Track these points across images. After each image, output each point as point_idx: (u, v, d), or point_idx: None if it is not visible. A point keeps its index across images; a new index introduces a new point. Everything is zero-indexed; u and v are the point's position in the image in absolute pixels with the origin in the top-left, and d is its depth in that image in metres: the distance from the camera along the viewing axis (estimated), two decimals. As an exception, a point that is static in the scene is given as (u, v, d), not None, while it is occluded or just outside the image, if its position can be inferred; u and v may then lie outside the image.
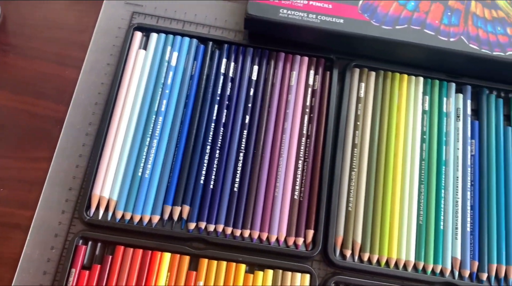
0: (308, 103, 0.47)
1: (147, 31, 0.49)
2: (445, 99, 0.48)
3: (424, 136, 0.46)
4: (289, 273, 0.41)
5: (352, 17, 0.46)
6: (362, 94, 0.48)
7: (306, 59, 0.49)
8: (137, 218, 0.42)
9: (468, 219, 0.44)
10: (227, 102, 0.47)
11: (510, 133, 0.47)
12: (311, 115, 0.47)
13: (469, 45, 0.46)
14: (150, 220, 0.43)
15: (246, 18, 0.46)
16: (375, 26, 0.46)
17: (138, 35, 0.48)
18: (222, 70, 0.48)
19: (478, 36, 0.47)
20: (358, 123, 0.47)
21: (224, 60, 0.48)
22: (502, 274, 0.42)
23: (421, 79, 0.49)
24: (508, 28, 0.47)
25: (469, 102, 0.48)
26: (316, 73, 0.48)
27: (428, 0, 0.48)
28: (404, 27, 0.46)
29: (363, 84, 0.48)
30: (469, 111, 0.48)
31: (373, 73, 0.49)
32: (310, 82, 0.48)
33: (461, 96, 0.48)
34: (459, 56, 0.46)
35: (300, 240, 0.43)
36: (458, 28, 0.47)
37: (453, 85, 0.49)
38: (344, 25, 0.46)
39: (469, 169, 0.46)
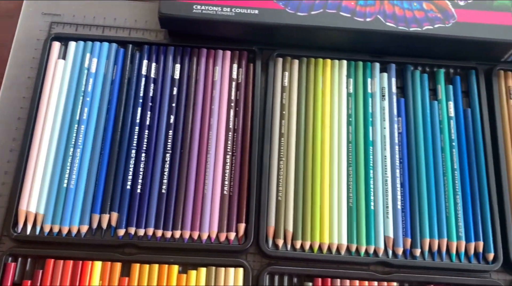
0: (233, 97, 0.47)
1: (65, 40, 0.48)
2: (369, 79, 0.48)
3: (350, 119, 0.46)
4: (223, 269, 0.41)
5: (267, 7, 0.46)
6: (286, 83, 0.48)
7: (228, 53, 0.48)
8: (65, 230, 0.42)
9: (399, 197, 0.44)
10: (150, 104, 0.46)
11: (436, 107, 0.47)
12: (237, 108, 0.47)
13: (386, 23, 0.46)
14: (79, 230, 0.42)
15: (159, 17, 0.45)
16: (290, 13, 0.46)
17: (56, 45, 0.48)
18: (144, 71, 0.47)
19: (394, 14, 0.47)
20: (284, 112, 0.46)
21: (145, 62, 0.47)
22: (435, 248, 0.43)
23: (345, 62, 0.48)
24: (424, 3, 0.47)
25: (393, 80, 0.48)
26: (239, 67, 0.48)
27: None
28: (319, 12, 0.46)
29: (286, 73, 0.48)
30: (394, 89, 0.48)
31: (296, 61, 0.48)
32: (234, 75, 0.48)
33: (385, 75, 0.48)
34: (377, 36, 0.46)
35: (232, 235, 0.42)
36: (374, 7, 0.47)
37: (377, 65, 0.49)
38: (259, 15, 0.46)
39: (397, 147, 0.46)
